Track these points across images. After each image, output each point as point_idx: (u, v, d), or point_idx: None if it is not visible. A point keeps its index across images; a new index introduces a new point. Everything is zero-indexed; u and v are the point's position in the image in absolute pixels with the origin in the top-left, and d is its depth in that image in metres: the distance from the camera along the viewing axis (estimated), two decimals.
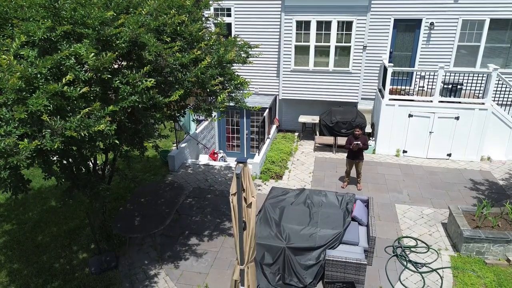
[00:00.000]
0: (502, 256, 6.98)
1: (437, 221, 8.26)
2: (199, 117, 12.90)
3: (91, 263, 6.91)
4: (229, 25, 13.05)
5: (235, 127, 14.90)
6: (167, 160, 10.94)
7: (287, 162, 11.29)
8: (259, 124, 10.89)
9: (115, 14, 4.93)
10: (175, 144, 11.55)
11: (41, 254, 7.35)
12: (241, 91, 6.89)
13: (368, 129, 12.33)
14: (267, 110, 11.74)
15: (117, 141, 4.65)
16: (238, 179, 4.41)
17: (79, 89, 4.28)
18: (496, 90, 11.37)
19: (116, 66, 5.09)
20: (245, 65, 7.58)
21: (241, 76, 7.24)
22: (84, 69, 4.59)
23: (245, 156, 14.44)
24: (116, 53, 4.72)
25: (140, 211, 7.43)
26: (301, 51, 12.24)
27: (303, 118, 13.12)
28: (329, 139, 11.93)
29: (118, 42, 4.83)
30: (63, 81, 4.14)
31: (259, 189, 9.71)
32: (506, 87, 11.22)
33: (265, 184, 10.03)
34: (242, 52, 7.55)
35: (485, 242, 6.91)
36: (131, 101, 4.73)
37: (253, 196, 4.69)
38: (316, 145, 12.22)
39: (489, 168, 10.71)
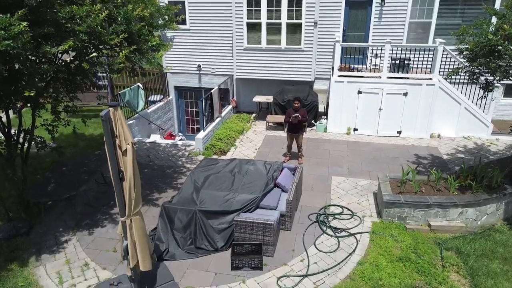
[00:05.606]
0: (423, 221, 6.85)
1: (370, 191, 8.11)
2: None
3: (1, 230, 6.70)
4: (183, 4, 12.83)
5: (194, 109, 14.69)
6: None
7: (236, 140, 11.10)
8: (202, 100, 10.72)
9: None
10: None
11: None
12: (156, 52, 6.70)
13: (321, 108, 12.18)
14: (216, 88, 11.56)
15: None
16: (105, 122, 4.22)
17: None
18: (448, 67, 11.21)
19: None
20: (177, 31, 7.37)
21: (161, 40, 7.06)
22: None
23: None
24: None
25: (58, 179, 7.23)
26: (253, 28, 12.05)
27: (257, 98, 12.94)
28: (280, 118, 11.74)
29: None
30: None
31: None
32: (455, 63, 11.06)
33: None
34: (166, 17, 7.39)
35: (405, 206, 6.78)
36: (3, 45, 4.53)
37: (128, 144, 4.50)
38: (268, 124, 12.04)
39: (437, 145, 10.59)
